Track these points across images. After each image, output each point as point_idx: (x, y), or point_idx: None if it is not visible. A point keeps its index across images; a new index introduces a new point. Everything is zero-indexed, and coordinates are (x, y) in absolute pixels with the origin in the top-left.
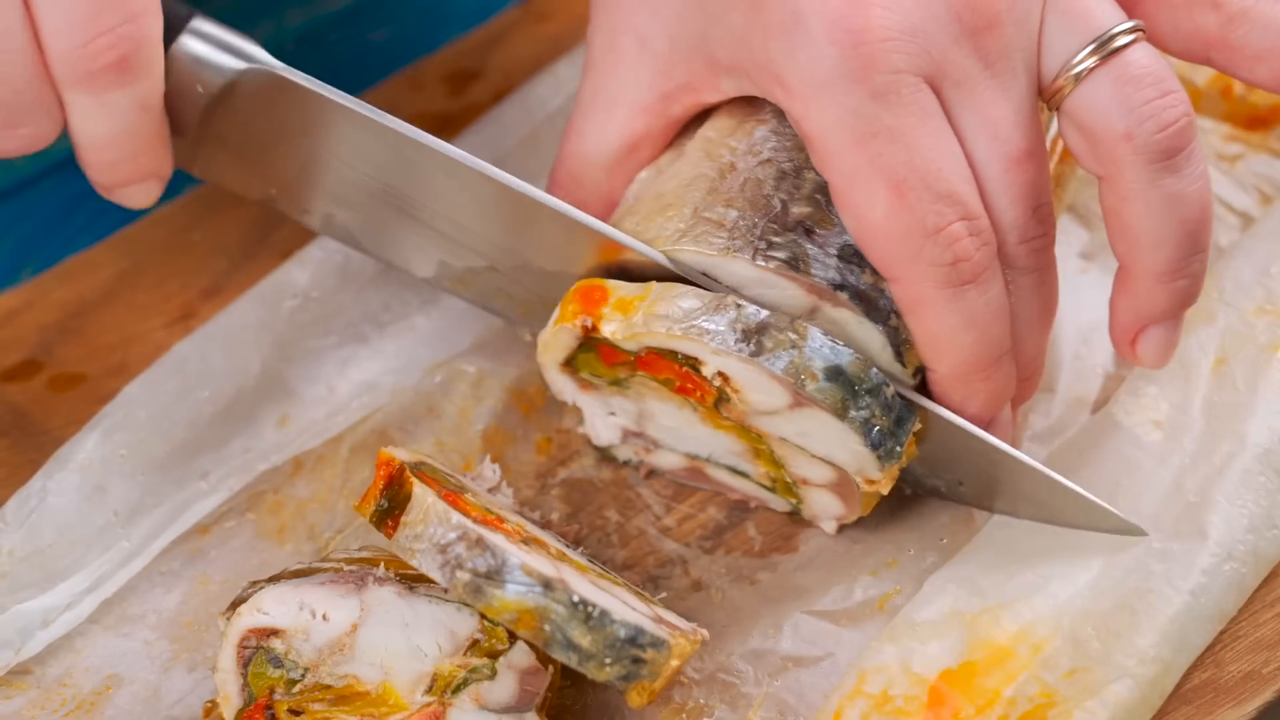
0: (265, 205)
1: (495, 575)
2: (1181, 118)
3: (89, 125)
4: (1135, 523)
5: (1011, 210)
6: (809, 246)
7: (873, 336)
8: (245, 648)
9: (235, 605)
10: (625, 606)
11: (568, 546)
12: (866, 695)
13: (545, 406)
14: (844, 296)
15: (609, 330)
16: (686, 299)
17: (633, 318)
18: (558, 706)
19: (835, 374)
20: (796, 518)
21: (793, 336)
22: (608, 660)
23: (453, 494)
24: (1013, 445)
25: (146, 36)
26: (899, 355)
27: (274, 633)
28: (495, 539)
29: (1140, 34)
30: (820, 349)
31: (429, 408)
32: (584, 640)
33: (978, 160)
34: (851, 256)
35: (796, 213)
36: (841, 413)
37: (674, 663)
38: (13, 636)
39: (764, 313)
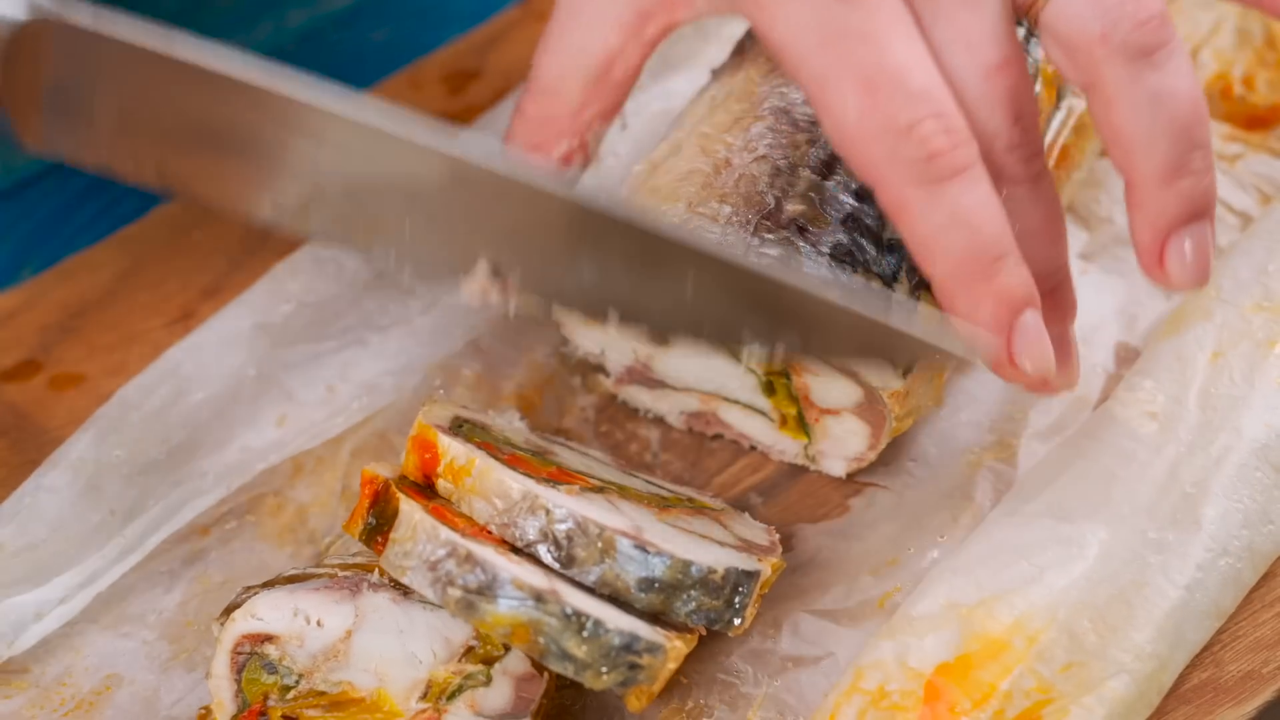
0: (105, 173)
1: (487, 590)
2: (1156, 15)
3: None
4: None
5: (993, 118)
6: (801, 244)
7: None
8: (239, 654)
9: (229, 611)
10: (618, 613)
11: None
12: (863, 692)
13: (544, 406)
14: None
15: (446, 491)
16: (502, 494)
17: (462, 490)
18: (557, 708)
19: (649, 585)
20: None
21: (599, 548)
22: (604, 669)
23: (440, 508)
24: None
25: None
26: None
27: (268, 639)
28: (485, 553)
29: None
30: (630, 560)
31: None
32: (579, 650)
33: (955, 73)
34: (843, 256)
35: (790, 210)
36: (664, 612)
37: (671, 665)
38: (5, 630)
39: (569, 523)
